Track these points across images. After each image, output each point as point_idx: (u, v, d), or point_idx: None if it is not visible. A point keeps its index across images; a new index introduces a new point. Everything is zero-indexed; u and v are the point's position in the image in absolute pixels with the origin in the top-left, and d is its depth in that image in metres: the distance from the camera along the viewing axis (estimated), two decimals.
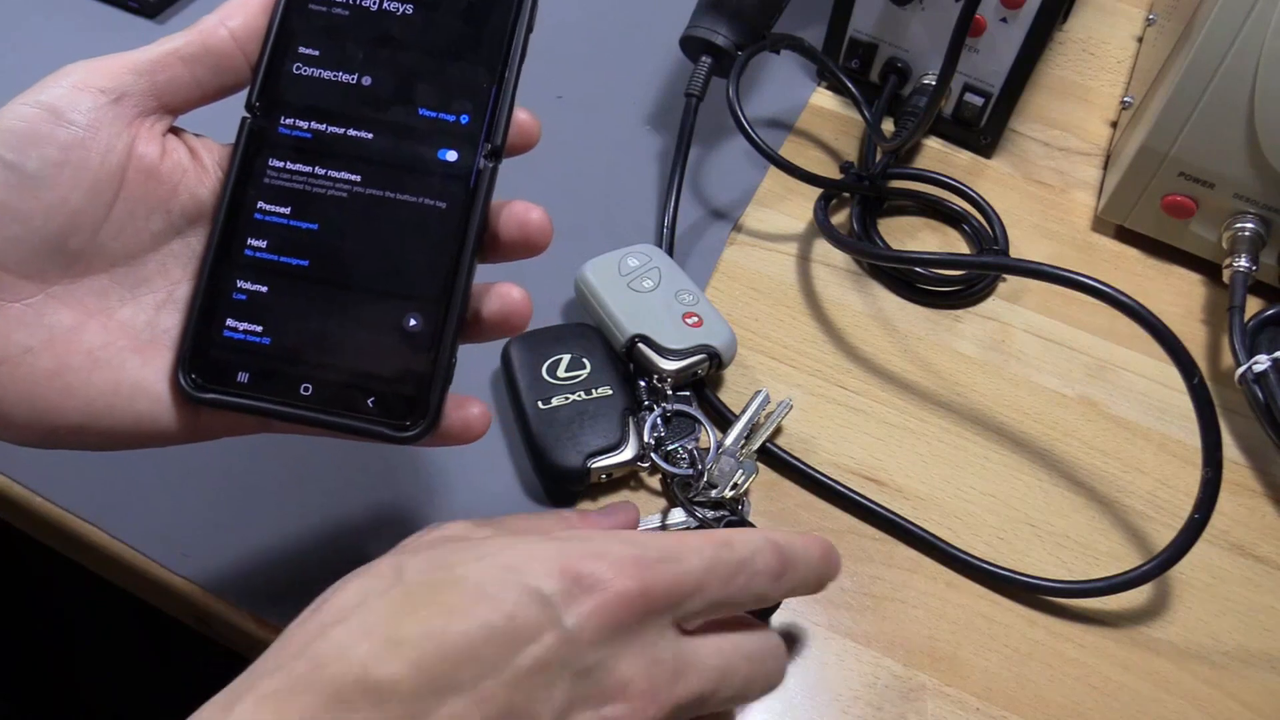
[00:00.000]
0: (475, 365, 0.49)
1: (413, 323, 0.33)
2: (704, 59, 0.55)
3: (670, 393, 0.47)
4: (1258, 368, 0.48)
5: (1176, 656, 0.44)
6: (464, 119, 0.34)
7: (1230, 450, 0.51)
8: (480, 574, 0.30)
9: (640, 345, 0.47)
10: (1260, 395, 0.48)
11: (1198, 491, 0.42)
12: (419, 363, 0.33)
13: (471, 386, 0.49)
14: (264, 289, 0.33)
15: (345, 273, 0.33)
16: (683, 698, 0.32)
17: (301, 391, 0.33)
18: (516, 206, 0.34)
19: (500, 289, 0.35)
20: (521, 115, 0.34)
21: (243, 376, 0.33)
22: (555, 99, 0.61)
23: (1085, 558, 0.47)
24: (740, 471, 0.45)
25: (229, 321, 0.33)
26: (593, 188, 0.57)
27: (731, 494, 0.45)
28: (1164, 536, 0.45)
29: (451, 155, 0.34)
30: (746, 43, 0.56)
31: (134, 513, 0.44)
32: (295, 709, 0.27)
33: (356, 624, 0.29)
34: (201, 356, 0.32)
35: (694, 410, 0.47)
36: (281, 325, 0.33)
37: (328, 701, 0.27)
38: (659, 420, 0.46)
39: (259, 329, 0.33)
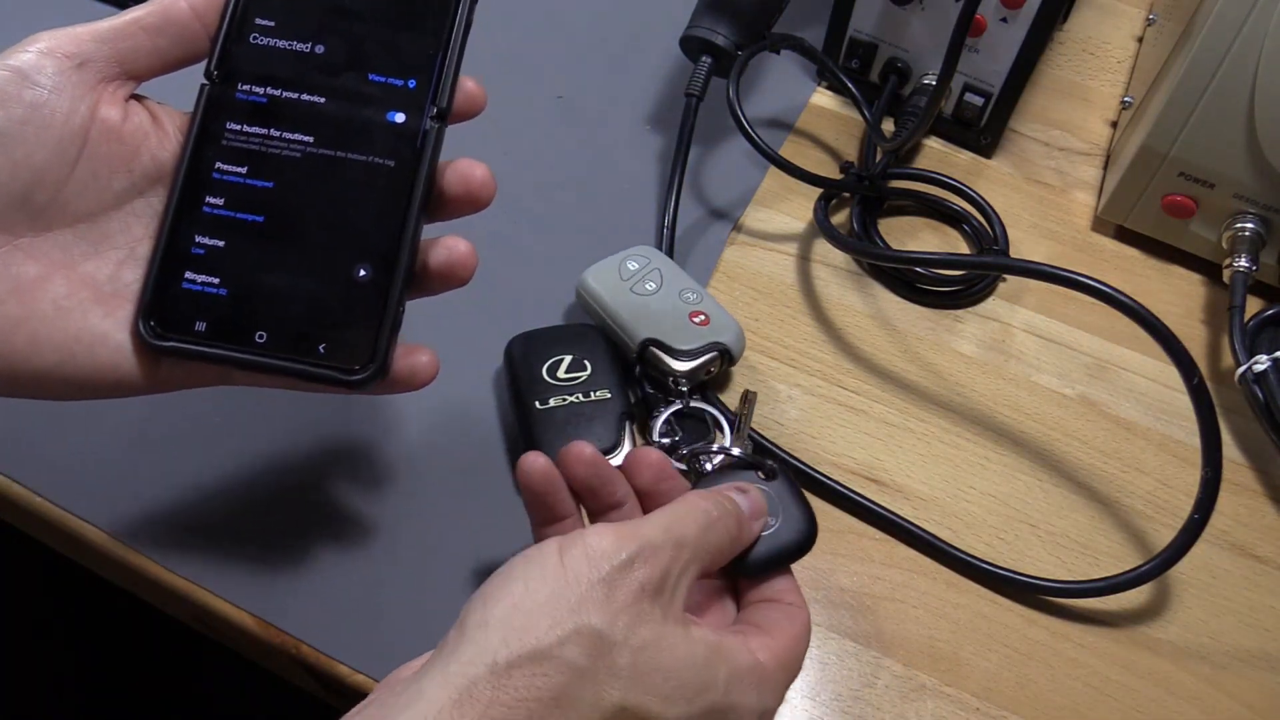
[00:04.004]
0: (477, 364, 0.49)
1: (362, 274, 0.34)
2: (704, 59, 0.55)
3: (685, 392, 0.47)
4: (1258, 368, 0.48)
5: (1176, 656, 0.44)
6: (411, 83, 0.36)
7: (1230, 450, 0.51)
8: None
9: (652, 349, 0.47)
10: (1260, 395, 0.48)
11: (1197, 491, 0.42)
12: (368, 311, 0.34)
13: (473, 385, 0.49)
14: (221, 243, 0.35)
15: (299, 227, 0.35)
16: None
17: (256, 339, 0.34)
18: (461, 164, 0.36)
19: (447, 241, 0.36)
20: (469, 84, 0.36)
21: (200, 325, 0.34)
22: (555, 99, 0.61)
23: (1085, 558, 0.47)
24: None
25: (188, 273, 0.34)
26: (593, 188, 0.57)
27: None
28: (1164, 536, 0.45)
29: (400, 117, 0.35)
30: (746, 43, 0.56)
31: (131, 511, 0.44)
32: None
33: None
34: (161, 306, 0.34)
35: (708, 407, 0.47)
36: (238, 277, 0.35)
37: None
38: (672, 420, 0.46)
39: (216, 280, 0.35)
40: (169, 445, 0.46)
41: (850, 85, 0.59)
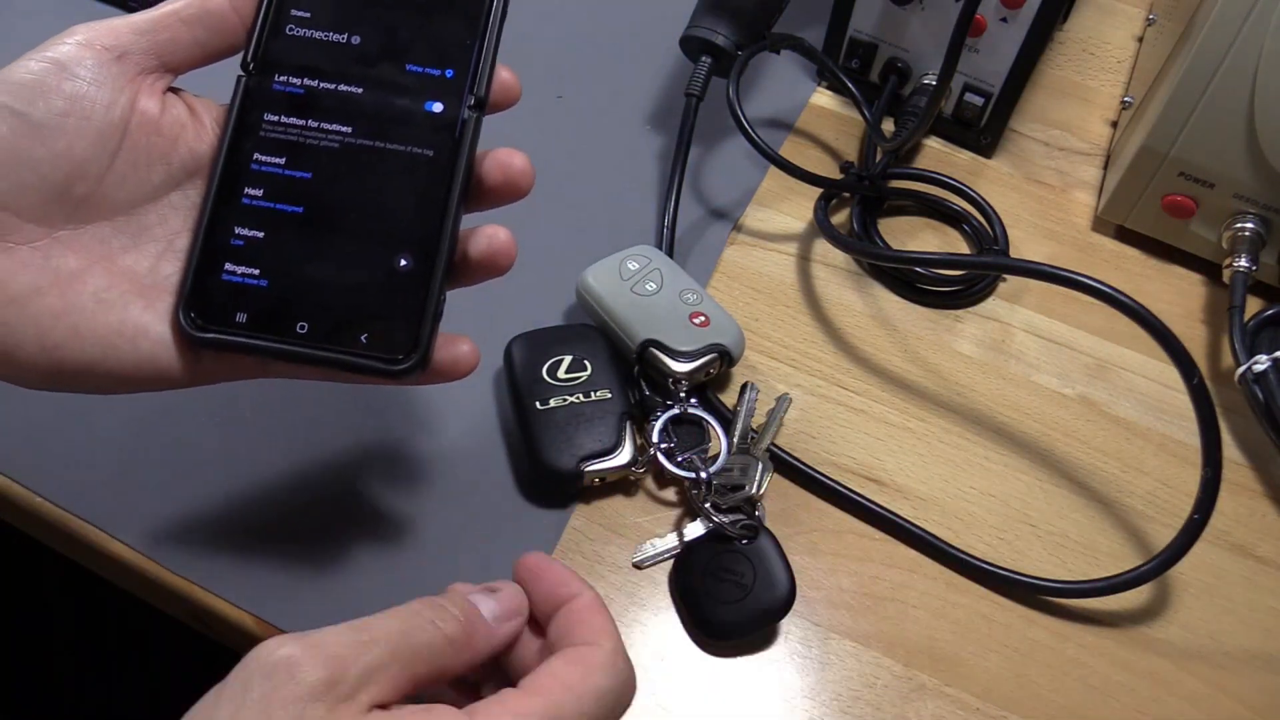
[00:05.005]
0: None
1: (403, 263, 0.34)
2: (704, 59, 0.55)
3: (684, 396, 0.47)
4: (1258, 368, 0.48)
5: (1176, 656, 0.44)
6: (449, 73, 0.36)
7: (1230, 450, 0.51)
8: None
9: (652, 350, 0.47)
10: (1260, 395, 0.48)
11: (1198, 491, 0.42)
12: (410, 301, 0.34)
13: (472, 385, 0.49)
14: (260, 234, 0.35)
15: (338, 217, 0.35)
16: None
17: (298, 330, 0.34)
18: (499, 153, 0.36)
19: (487, 230, 0.36)
20: (504, 73, 0.36)
21: (241, 317, 0.34)
22: (555, 99, 0.61)
23: (1085, 558, 0.47)
24: (761, 467, 0.45)
25: (227, 265, 0.34)
26: (593, 188, 0.57)
27: (759, 491, 0.45)
28: (1164, 536, 0.45)
29: (437, 106, 0.35)
30: (746, 43, 0.56)
31: (131, 511, 0.44)
32: None
33: None
34: (201, 298, 0.34)
35: (704, 414, 0.47)
36: (278, 268, 0.34)
37: None
38: (669, 425, 0.46)
39: (256, 271, 0.34)
40: (168, 446, 0.46)
41: (850, 85, 0.59)
